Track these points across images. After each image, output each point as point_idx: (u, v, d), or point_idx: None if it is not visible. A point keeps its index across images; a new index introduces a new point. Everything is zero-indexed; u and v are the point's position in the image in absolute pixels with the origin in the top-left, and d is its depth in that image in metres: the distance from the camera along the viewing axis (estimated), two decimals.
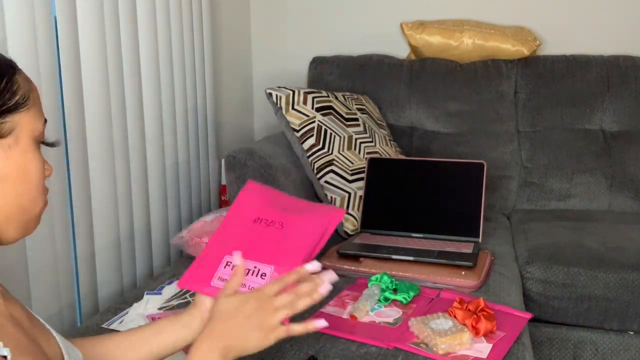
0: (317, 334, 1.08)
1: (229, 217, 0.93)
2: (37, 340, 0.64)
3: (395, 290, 1.23)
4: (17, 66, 0.67)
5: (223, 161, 1.75)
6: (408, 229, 1.62)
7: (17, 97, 0.64)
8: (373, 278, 1.27)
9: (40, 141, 0.68)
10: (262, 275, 0.84)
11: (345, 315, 1.17)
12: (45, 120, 0.69)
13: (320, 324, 0.79)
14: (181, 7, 1.76)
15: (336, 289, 1.23)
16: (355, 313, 1.15)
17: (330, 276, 0.81)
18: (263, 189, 0.97)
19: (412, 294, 1.23)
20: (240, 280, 0.83)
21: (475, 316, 1.07)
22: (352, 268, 1.40)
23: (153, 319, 1.13)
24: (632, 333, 1.54)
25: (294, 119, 1.74)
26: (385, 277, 1.25)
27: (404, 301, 1.21)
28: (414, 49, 2.28)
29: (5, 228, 0.65)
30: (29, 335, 0.63)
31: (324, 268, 0.83)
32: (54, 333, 0.69)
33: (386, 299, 1.21)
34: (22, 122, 0.64)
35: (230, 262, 0.87)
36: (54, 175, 1.22)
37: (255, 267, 0.85)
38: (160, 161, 1.67)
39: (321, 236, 0.88)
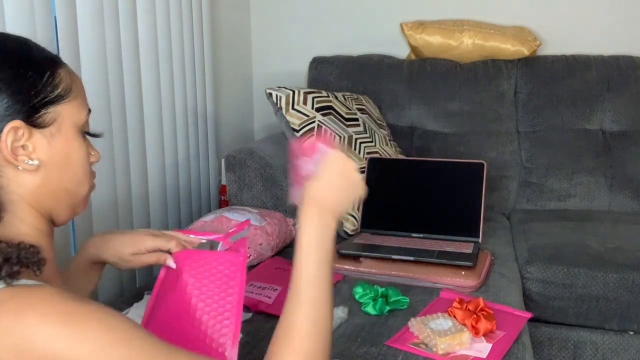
0: None
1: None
2: None
3: (386, 298, 1.21)
4: (61, 60, 0.72)
5: (223, 161, 1.75)
6: (408, 229, 1.62)
7: (59, 90, 0.69)
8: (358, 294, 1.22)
9: (85, 131, 0.73)
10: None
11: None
12: (90, 111, 0.74)
13: None
14: (181, 7, 1.76)
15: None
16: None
17: None
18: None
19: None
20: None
21: (475, 316, 1.07)
22: (352, 268, 1.40)
23: None
24: (632, 333, 1.54)
25: (294, 119, 1.74)
26: (364, 287, 1.22)
27: (406, 305, 1.20)
28: (414, 49, 2.28)
29: (56, 210, 0.71)
30: None
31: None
32: None
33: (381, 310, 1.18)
34: (64, 113, 0.69)
35: None
36: None
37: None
38: (160, 161, 1.68)
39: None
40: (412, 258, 1.41)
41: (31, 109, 0.66)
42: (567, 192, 2.02)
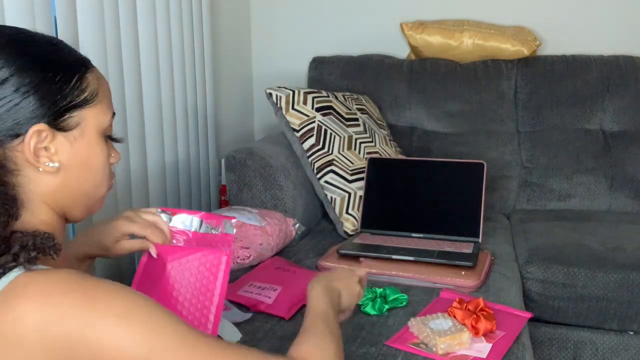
0: None
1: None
2: None
3: (385, 297, 1.21)
4: (90, 64, 0.72)
5: (223, 161, 1.75)
6: (408, 229, 1.62)
7: (85, 94, 0.69)
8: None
9: (107, 134, 0.74)
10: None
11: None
12: (114, 114, 0.75)
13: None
14: (181, 7, 1.76)
15: None
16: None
17: None
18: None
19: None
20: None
21: (474, 316, 1.07)
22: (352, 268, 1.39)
23: None
24: (632, 333, 1.54)
25: (294, 119, 1.74)
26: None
27: (405, 302, 1.21)
28: (414, 49, 2.28)
29: (72, 210, 0.73)
30: None
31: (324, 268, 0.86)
32: None
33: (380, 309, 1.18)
34: (88, 117, 0.70)
35: None
36: None
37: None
38: (161, 161, 1.68)
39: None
40: (412, 258, 1.41)
41: (56, 112, 0.67)
42: (567, 192, 2.02)
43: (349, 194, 1.70)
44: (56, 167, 0.68)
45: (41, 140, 0.66)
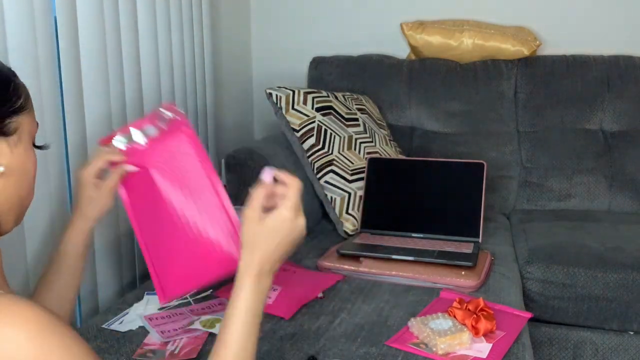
0: (318, 334, 1.08)
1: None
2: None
3: None
4: (15, 73, 0.74)
5: (223, 161, 1.75)
6: (408, 229, 1.62)
7: (21, 100, 0.71)
8: None
9: (33, 142, 0.76)
10: None
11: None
12: (37, 124, 0.77)
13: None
14: (181, 7, 1.76)
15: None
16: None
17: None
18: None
19: None
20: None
21: (475, 316, 1.07)
22: (352, 268, 1.40)
23: (151, 319, 1.13)
24: (632, 333, 1.54)
25: (294, 119, 1.74)
26: None
27: None
28: (414, 49, 2.28)
29: (6, 219, 0.72)
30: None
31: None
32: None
33: None
34: (24, 123, 0.72)
35: None
36: (54, 175, 1.22)
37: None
38: None
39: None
40: (412, 258, 1.41)
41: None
42: (567, 192, 2.02)
43: (349, 194, 1.70)
44: (1, 171, 0.69)
45: None
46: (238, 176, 1.64)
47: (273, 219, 0.74)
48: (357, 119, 1.88)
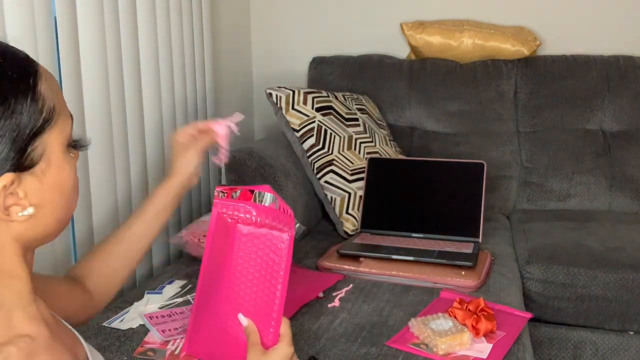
0: (318, 334, 1.08)
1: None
2: (62, 339, 0.62)
3: None
4: (36, 65, 0.58)
5: None
6: (408, 229, 1.62)
7: (43, 115, 0.55)
8: None
9: (69, 143, 0.60)
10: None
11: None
12: (72, 117, 0.61)
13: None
14: (181, 7, 1.76)
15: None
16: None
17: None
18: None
19: None
20: None
21: (475, 316, 1.07)
22: (352, 268, 1.40)
23: (152, 318, 1.13)
24: (632, 333, 1.54)
25: (294, 119, 1.74)
26: None
27: None
28: (414, 49, 2.28)
29: (45, 241, 0.62)
30: (54, 332, 0.61)
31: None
32: (78, 335, 0.69)
33: None
34: (52, 139, 0.56)
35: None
36: None
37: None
38: (161, 161, 1.67)
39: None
40: (412, 258, 1.41)
41: (19, 151, 0.53)
42: (567, 192, 2.02)
43: (349, 194, 1.70)
44: (30, 213, 0.55)
45: (9, 192, 0.53)
46: (238, 176, 1.64)
47: (276, 354, 0.79)
48: (357, 119, 1.88)
